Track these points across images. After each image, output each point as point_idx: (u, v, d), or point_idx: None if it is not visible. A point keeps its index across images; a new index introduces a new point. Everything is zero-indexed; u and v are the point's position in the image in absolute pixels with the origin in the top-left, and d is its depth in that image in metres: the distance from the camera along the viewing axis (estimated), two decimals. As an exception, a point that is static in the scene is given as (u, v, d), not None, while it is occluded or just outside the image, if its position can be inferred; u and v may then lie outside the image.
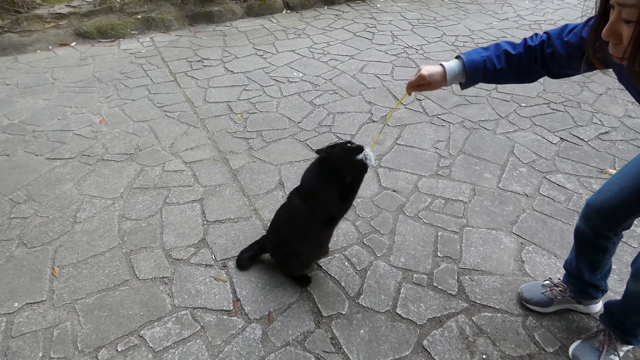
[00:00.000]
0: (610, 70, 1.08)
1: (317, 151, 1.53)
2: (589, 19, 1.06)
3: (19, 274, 1.78)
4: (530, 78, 1.29)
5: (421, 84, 1.32)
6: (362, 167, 1.48)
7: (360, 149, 1.46)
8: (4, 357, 1.47)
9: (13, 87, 3.33)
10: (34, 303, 1.66)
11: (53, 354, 1.48)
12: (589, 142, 2.63)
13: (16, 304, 1.65)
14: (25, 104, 3.09)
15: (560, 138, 2.68)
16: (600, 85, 3.29)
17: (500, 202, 2.16)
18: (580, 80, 3.37)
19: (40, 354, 1.48)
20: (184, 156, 2.51)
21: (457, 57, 1.31)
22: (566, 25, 1.17)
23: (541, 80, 3.36)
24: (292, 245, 1.63)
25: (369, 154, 1.44)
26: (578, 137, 2.68)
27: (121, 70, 3.59)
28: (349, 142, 1.52)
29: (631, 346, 1.44)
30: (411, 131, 2.75)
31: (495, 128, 2.78)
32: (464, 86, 1.35)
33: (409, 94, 1.41)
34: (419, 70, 1.31)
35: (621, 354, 1.41)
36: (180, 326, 1.57)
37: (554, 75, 1.26)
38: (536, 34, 1.23)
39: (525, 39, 1.24)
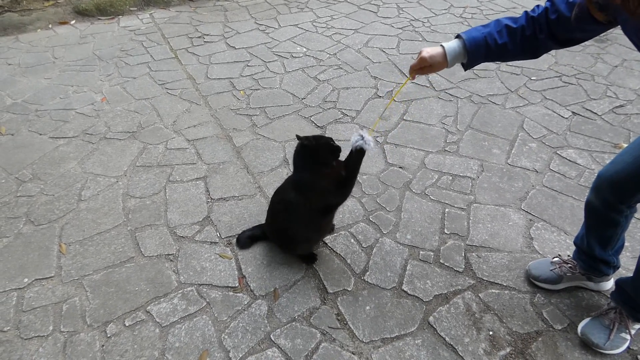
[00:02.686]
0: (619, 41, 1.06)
1: (299, 138, 1.53)
2: None
3: (27, 250, 1.79)
4: (535, 52, 1.26)
5: (423, 67, 1.33)
6: (360, 152, 1.47)
7: (338, 149, 1.51)
8: (17, 331, 1.49)
9: (15, 67, 3.29)
10: (43, 279, 1.68)
11: (63, 327, 1.50)
12: (603, 116, 2.56)
13: (26, 280, 1.67)
14: (28, 83, 3.06)
15: (572, 112, 2.60)
16: (616, 57, 3.18)
17: (509, 178, 2.12)
18: (594, 52, 3.26)
19: (51, 328, 1.50)
20: (187, 134, 2.48)
21: (456, 37, 1.30)
22: None
23: (552, 52, 3.27)
24: (291, 232, 1.62)
25: (368, 138, 1.43)
26: (591, 111, 2.60)
27: (121, 48, 3.53)
28: (331, 139, 1.53)
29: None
30: (418, 106, 2.69)
31: (505, 102, 2.71)
32: (466, 66, 1.34)
33: (413, 78, 1.42)
34: (420, 53, 1.31)
35: (632, 332, 1.40)
36: (186, 302, 1.57)
37: (561, 43, 1.23)
38: (537, 5, 1.22)
39: (525, 11, 1.23)
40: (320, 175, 1.50)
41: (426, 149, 2.32)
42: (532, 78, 2.97)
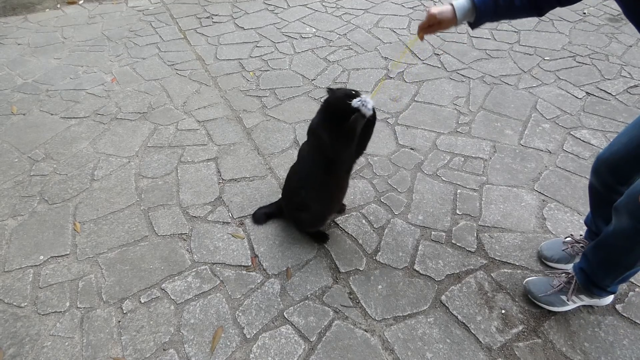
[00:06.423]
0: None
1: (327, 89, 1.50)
2: None
3: (42, 228, 1.82)
4: (540, 9, 1.25)
5: (432, 24, 1.31)
6: (358, 115, 1.38)
7: (357, 94, 1.41)
8: (34, 306, 1.53)
9: (25, 47, 3.28)
10: (58, 256, 1.70)
11: (80, 304, 1.53)
12: (617, 97, 2.51)
13: (42, 257, 1.70)
14: (38, 63, 3.05)
15: (586, 92, 2.56)
16: (630, 37, 3.10)
17: (522, 159, 2.10)
18: (608, 32, 3.18)
19: (68, 304, 1.53)
20: (197, 115, 2.48)
21: None
22: None
23: (566, 32, 3.20)
24: (302, 196, 1.60)
25: (367, 101, 1.36)
26: (605, 92, 2.56)
27: (130, 28, 3.50)
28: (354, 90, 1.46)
29: (595, 300, 1.42)
30: (429, 87, 2.65)
31: (518, 83, 2.67)
32: (474, 25, 1.31)
33: (421, 39, 1.38)
34: (429, 10, 1.30)
35: (577, 302, 1.41)
36: (200, 280, 1.60)
37: (561, 1, 1.21)
38: None
39: None
40: (323, 124, 1.47)
41: (438, 130, 2.30)
42: (545, 58, 2.91)
